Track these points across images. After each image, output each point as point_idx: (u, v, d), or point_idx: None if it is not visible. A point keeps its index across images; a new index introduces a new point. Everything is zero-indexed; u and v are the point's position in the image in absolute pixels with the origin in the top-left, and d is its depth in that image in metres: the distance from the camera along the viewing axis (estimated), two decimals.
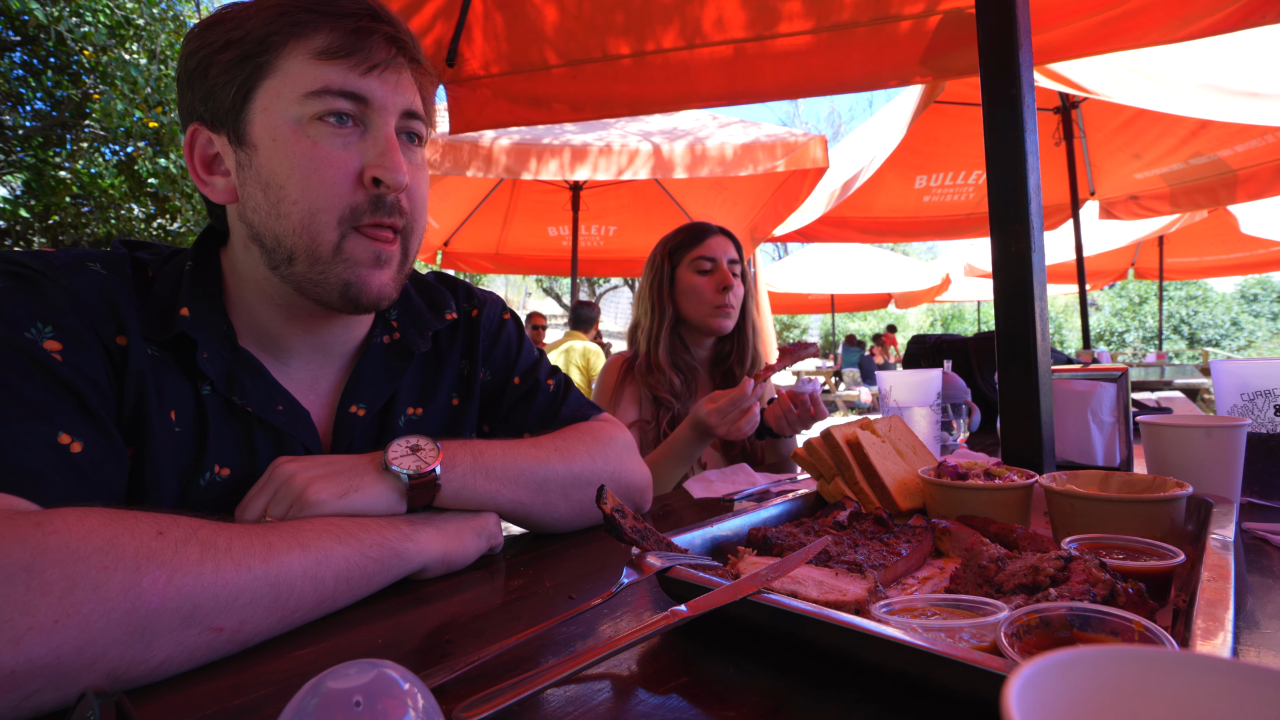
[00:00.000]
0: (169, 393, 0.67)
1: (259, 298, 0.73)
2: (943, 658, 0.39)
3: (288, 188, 0.65)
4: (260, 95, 0.66)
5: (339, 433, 0.77)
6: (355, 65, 0.66)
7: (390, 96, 0.69)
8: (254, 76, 0.65)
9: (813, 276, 10.23)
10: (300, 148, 0.65)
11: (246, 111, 0.66)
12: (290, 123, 0.65)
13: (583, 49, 1.91)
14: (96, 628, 0.43)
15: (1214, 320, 21.11)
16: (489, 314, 0.94)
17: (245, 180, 0.68)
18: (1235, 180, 3.67)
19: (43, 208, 6.89)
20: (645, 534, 0.61)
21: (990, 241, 1.03)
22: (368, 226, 0.68)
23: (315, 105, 0.65)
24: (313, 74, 0.65)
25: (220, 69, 0.66)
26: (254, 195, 0.67)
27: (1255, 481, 0.88)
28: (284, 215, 0.66)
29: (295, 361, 0.77)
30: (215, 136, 0.69)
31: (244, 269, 0.73)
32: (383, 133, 0.68)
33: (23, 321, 0.58)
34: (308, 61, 0.65)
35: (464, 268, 5.63)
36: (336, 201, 0.66)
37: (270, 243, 0.68)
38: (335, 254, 0.67)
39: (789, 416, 1.41)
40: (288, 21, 0.65)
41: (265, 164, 0.66)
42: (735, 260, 1.60)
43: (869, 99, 29.03)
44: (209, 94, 0.67)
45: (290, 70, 0.65)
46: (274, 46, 0.65)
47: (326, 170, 0.65)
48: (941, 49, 1.77)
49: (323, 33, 0.65)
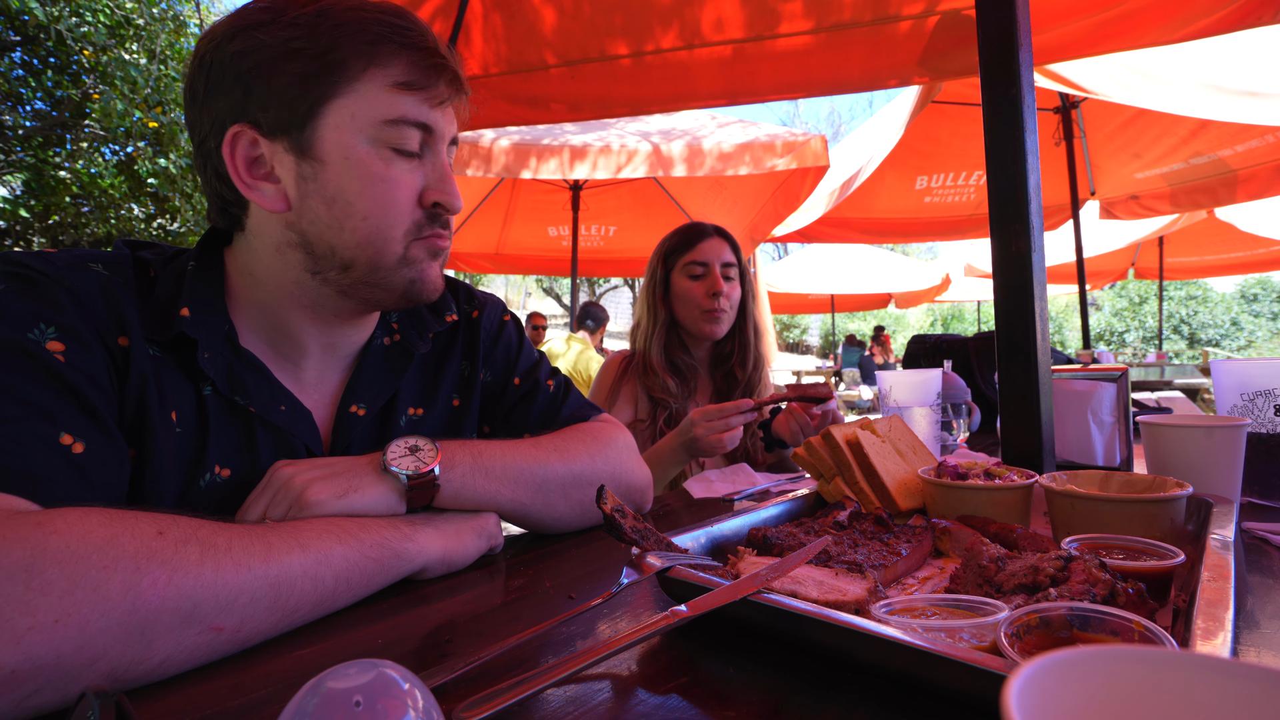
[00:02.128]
0: (170, 393, 0.67)
1: (283, 299, 0.73)
2: (943, 658, 0.39)
3: (357, 205, 0.68)
4: (332, 112, 0.67)
5: (339, 432, 0.77)
6: (427, 99, 0.70)
7: (447, 127, 0.74)
8: (327, 93, 0.66)
9: (813, 276, 10.23)
10: (374, 170, 0.68)
11: (315, 126, 0.67)
12: (365, 144, 0.68)
13: (581, 49, 1.91)
14: (97, 627, 0.43)
15: (1214, 320, 21.11)
16: (489, 316, 0.94)
17: (306, 192, 0.68)
18: (1235, 180, 3.67)
19: (43, 208, 6.89)
20: (645, 534, 0.61)
21: (990, 241, 1.03)
22: (425, 238, 0.73)
23: (390, 132, 0.68)
24: (390, 102, 0.68)
25: (288, 78, 0.65)
26: (315, 207, 0.68)
27: (1255, 481, 0.88)
28: (350, 230, 0.69)
29: (305, 362, 0.77)
30: (267, 142, 0.67)
31: (267, 272, 0.72)
32: (440, 159, 0.73)
33: (25, 322, 0.58)
34: (385, 89, 0.68)
35: (464, 268, 5.64)
36: (403, 221, 0.71)
37: (322, 251, 0.70)
38: (399, 263, 0.72)
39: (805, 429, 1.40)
40: (367, 47, 0.67)
41: (333, 180, 0.68)
42: (731, 263, 1.58)
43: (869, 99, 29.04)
44: (269, 100, 0.66)
45: (367, 94, 0.67)
46: (349, 68, 0.66)
47: (396, 193, 0.69)
48: (940, 49, 1.77)
49: (401, 64, 0.68)
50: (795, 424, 1.40)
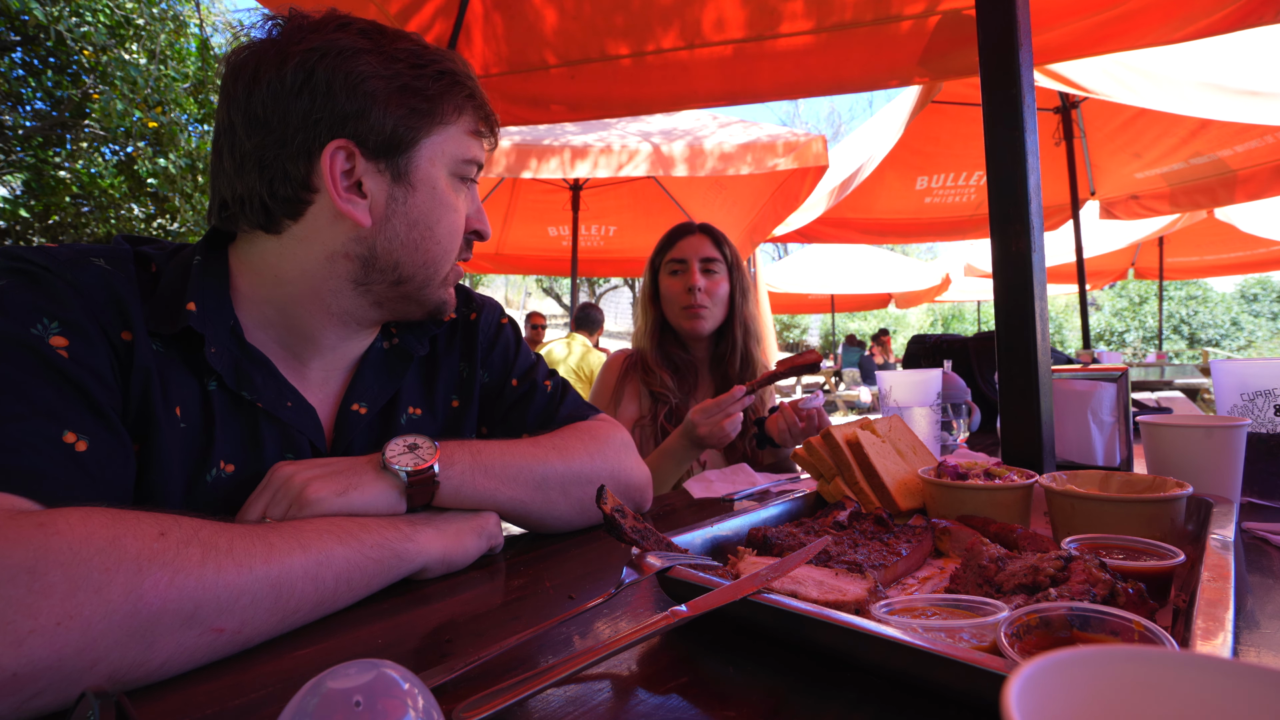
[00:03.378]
0: (174, 389, 0.67)
1: (308, 301, 0.73)
2: (943, 658, 0.39)
3: (436, 231, 0.76)
4: (426, 146, 0.74)
5: (340, 429, 0.78)
6: (486, 145, 0.82)
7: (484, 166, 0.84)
8: (422, 129, 0.74)
9: (813, 276, 10.23)
10: (449, 200, 0.77)
11: (411, 155, 0.73)
12: (447, 177, 0.77)
13: (581, 50, 1.91)
14: (98, 629, 0.43)
15: (1214, 320, 21.11)
16: (487, 318, 0.96)
17: (394, 213, 0.73)
18: (1235, 180, 3.67)
19: (42, 208, 6.88)
20: (645, 534, 0.61)
21: (990, 241, 1.03)
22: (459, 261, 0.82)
23: (464, 170, 0.79)
24: (467, 144, 0.78)
25: (394, 107, 0.71)
26: (398, 227, 0.74)
27: (1255, 481, 0.88)
28: (423, 250, 0.76)
29: (313, 361, 0.78)
30: (364, 161, 0.71)
31: (299, 274, 0.72)
32: (475, 192, 0.84)
33: (28, 317, 0.57)
34: (464, 134, 0.78)
35: (464, 268, 5.63)
36: (456, 243, 0.80)
37: (385, 264, 0.74)
38: (443, 282, 0.80)
39: (793, 429, 1.41)
40: (460, 98, 0.76)
41: (420, 205, 0.75)
42: (712, 258, 1.58)
43: (869, 99, 29.05)
44: (382, 126, 0.71)
45: (452, 136, 0.76)
46: (447, 112, 0.75)
47: (459, 221, 0.79)
48: (941, 49, 1.77)
49: (476, 114, 0.79)
50: (783, 423, 1.41)
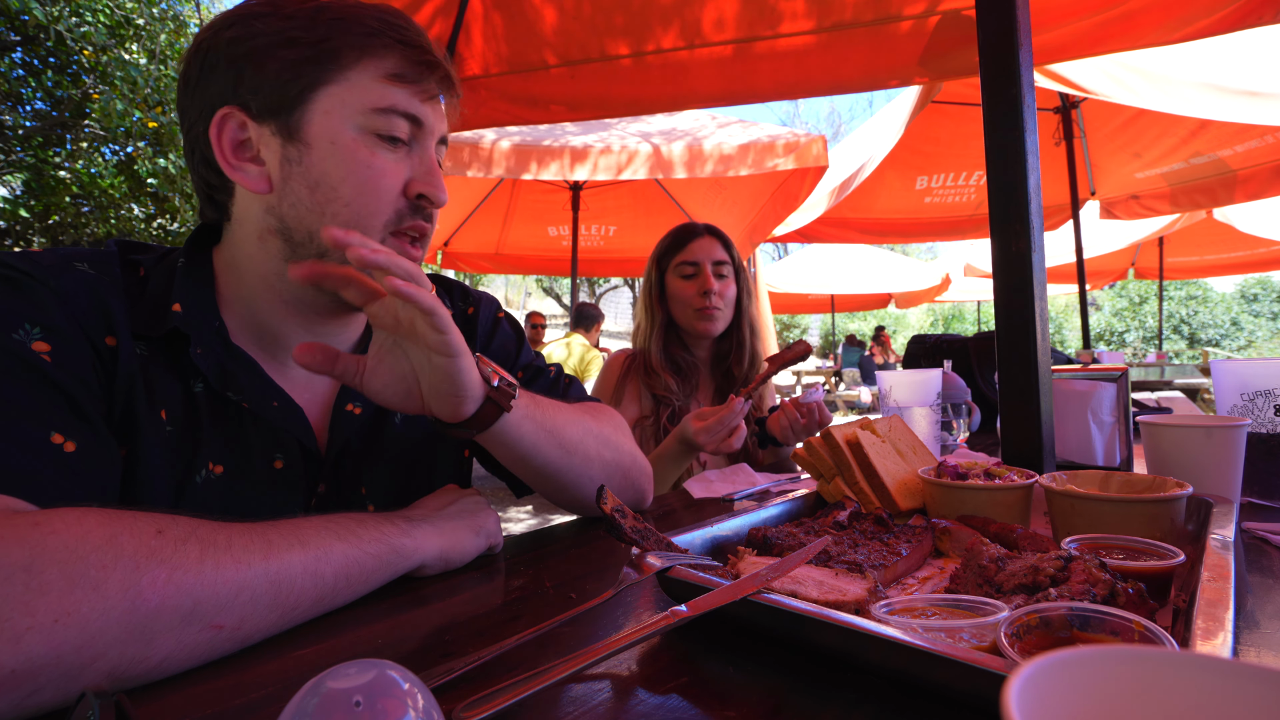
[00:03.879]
0: (159, 392, 0.67)
1: (264, 292, 0.73)
2: (943, 658, 0.39)
3: (340, 190, 0.69)
4: (322, 98, 0.68)
5: (336, 430, 0.77)
6: (417, 93, 0.72)
7: (437, 123, 0.75)
8: (319, 79, 0.68)
9: (813, 276, 10.23)
10: (360, 156, 0.69)
11: (304, 110, 0.68)
12: (353, 131, 0.69)
13: (581, 49, 1.91)
14: (96, 626, 0.43)
15: (1214, 320, 21.10)
16: (485, 312, 0.97)
17: (290, 175, 0.69)
18: (1235, 180, 3.67)
19: (42, 208, 6.88)
20: (645, 534, 0.61)
21: (990, 241, 1.03)
22: (404, 229, 0.73)
23: (379, 121, 0.69)
24: (380, 92, 0.69)
25: (282, 64, 0.67)
26: (297, 190, 0.69)
27: (1255, 481, 0.88)
28: (330, 215, 0.69)
29: (291, 360, 0.77)
30: (255, 124, 0.69)
31: (250, 263, 0.72)
32: (428, 154, 0.74)
33: (10, 323, 0.58)
34: (377, 80, 0.69)
35: (464, 268, 5.63)
36: (385, 209, 0.71)
37: (301, 237, 0.70)
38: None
39: (795, 426, 1.41)
40: (362, 39, 0.69)
41: (318, 164, 0.68)
42: (723, 260, 1.60)
43: (869, 99, 29.05)
44: (261, 84, 0.67)
45: (358, 83, 0.69)
46: (345, 57, 0.68)
47: (381, 181, 0.70)
48: (941, 49, 1.77)
49: (395, 57, 0.70)
50: (785, 419, 1.41)
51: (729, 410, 1.25)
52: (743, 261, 1.66)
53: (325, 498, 0.77)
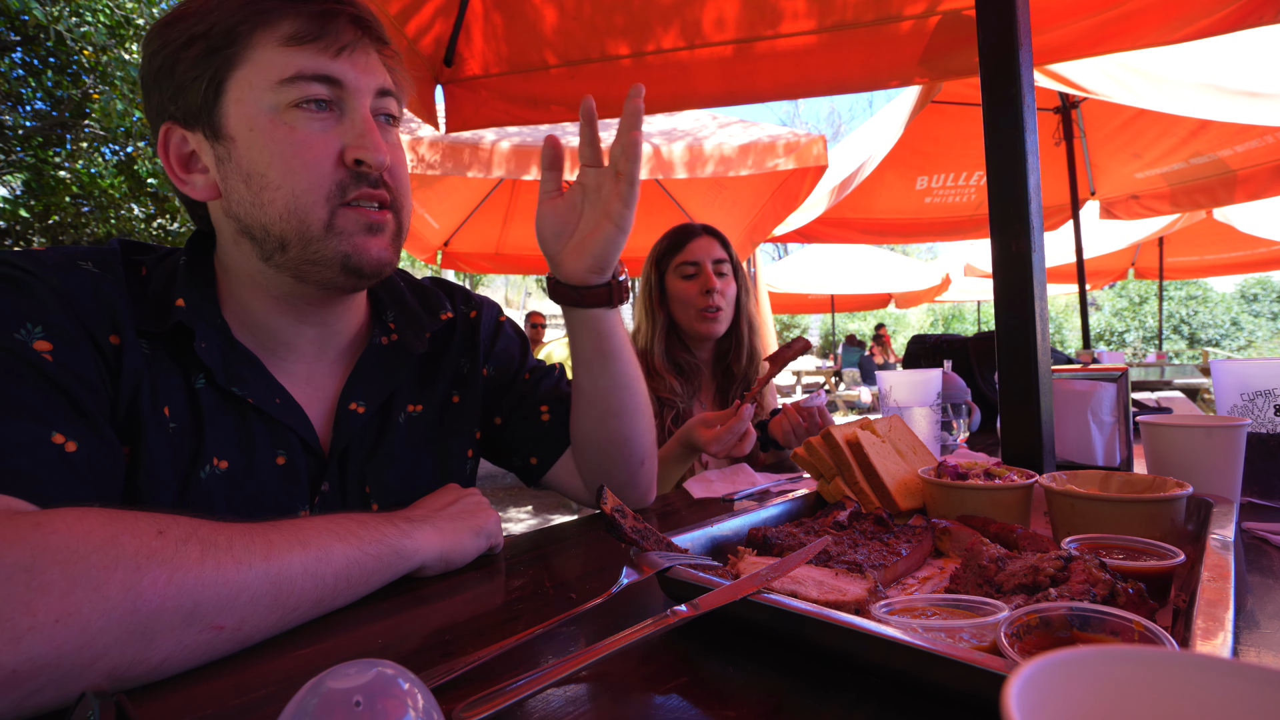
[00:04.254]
0: (163, 389, 0.67)
1: (253, 293, 0.73)
2: (943, 658, 0.39)
3: (270, 175, 0.66)
4: (232, 87, 0.66)
5: (339, 429, 0.78)
6: (325, 48, 0.66)
7: (362, 78, 0.69)
8: (224, 69, 0.65)
9: (813, 276, 10.23)
10: (279, 134, 0.65)
11: (220, 105, 0.66)
12: (266, 111, 0.65)
13: (582, 50, 1.91)
14: (97, 626, 0.43)
15: (1214, 320, 21.10)
16: (487, 316, 0.97)
17: (226, 174, 0.68)
18: (1234, 180, 3.67)
19: (43, 208, 6.88)
20: (645, 534, 0.61)
21: (990, 241, 1.03)
22: (355, 199, 0.69)
23: (290, 92, 0.65)
24: (283, 61, 0.65)
25: (187, 65, 0.66)
26: (236, 188, 0.67)
27: (1255, 481, 0.88)
28: (269, 203, 0.66)
29: (292, 357, 0.77)
30: (189, 134, 0.69)
31: (236, 266, 0.73)
32: (359, 114, 0.69)
33: (12, 323, 0.58)
34: (277, 49, 0.65)
35: (464, 268, 5.62)
36: (321, 181, 0.67)
37: (259, 233, 0.68)
38: (328, 230, 0.68)
39: (797, 430, 1.40)
40: (252, 10, 0.65)
41: (245, 155, 0.66)
42: (722, 259, 1.60)
43: (869, 99, 29.08)
44: (178, 91, 0.67)
45: (260, 59, 0.65)
46: (240, 37, 0.65)
47: (307, 154, 0.66)
48: (941, 50, 1.77)
49: (289, 19, 0.66)
50: (788, 424, 1.41)
51: (738, 419, 1.22)
52: (739, 260, 1.66)
53: (329, 496, 0.77)
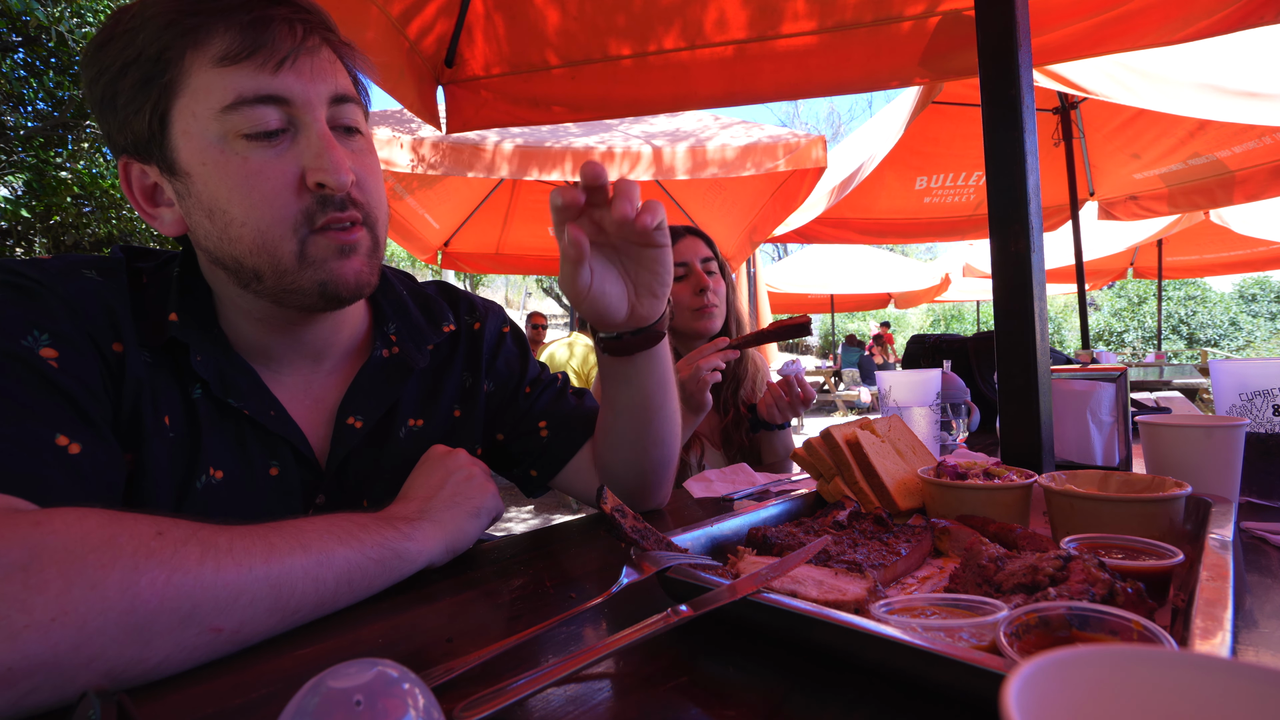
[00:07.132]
0: (163, 398, 0.67)
1: (237, 313, 0.73)
2: (942, 657, 0.39)
3: (231, 211, 0.62)
4: (176, 119, 0.61)
5: (336, 443, 0.77)
6: (263, 64, 0.60)
7: (310, 88, 0.63)
8: (164, 99, 0.60)
9: (813, 276, 10.24)
10: (232, 167, 0.61)
11: (168, 139, 0.62)
12: (215, 143, 0.61)
13: (583, 50, 1.91)
14: (94, 626, 0.43)
15: (1213, 320, 21.10)
16: (490, 327, 0.95)
17: (189, 209, 0.65)
18: (1233, 181, 3.67)
19: (44, 208, 6.88)
20: (645, 534, 0.61)
21: (990, 241, 1.03)
22: (324, 225, 0.65)
23: (235, 119, 0.60)
24: (221, 84, 0.59)
25: (127, 96, 0.61)
26: (201, 223, 0.64)
27: (1254, 481, 0.88)
28: (235, 239, 0.63)
29: (287, 369, 0.77)
30: (147, 168, 0.65)
31: (217, 289, 0.72)
32: (314, 130, 0.63)
33: (18, 330, 0.58)
34: (212, 71, 0.59)
35: (464, 268, 5.62)
36: (285, 213, 0.63)
37: (232, 265, 0.65)
38: (301, 261, 0.64)
39: (779, 403, 1.43)
40: (177, 31, 0.59)
41: (203, 190, 0.62)
42: (709, 257, 1.62)
43: (869, 100, 29.11)
44: (123, 124, 0.63)
45: (197, 86, 0.60)
46: (172, 62, 0.59)
47: (265, 185, 0.61)
48: (941, 50, 1.77)
49: (218, 35, 0.59)
50: (770, 399, 1.45)
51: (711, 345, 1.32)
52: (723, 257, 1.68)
53: (324, 509, 0.76)
